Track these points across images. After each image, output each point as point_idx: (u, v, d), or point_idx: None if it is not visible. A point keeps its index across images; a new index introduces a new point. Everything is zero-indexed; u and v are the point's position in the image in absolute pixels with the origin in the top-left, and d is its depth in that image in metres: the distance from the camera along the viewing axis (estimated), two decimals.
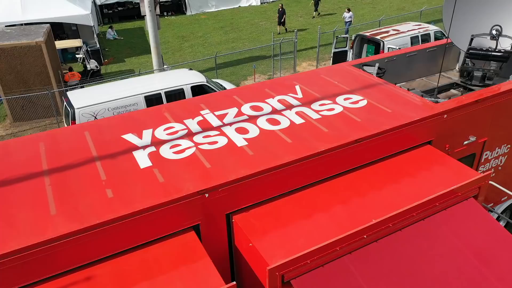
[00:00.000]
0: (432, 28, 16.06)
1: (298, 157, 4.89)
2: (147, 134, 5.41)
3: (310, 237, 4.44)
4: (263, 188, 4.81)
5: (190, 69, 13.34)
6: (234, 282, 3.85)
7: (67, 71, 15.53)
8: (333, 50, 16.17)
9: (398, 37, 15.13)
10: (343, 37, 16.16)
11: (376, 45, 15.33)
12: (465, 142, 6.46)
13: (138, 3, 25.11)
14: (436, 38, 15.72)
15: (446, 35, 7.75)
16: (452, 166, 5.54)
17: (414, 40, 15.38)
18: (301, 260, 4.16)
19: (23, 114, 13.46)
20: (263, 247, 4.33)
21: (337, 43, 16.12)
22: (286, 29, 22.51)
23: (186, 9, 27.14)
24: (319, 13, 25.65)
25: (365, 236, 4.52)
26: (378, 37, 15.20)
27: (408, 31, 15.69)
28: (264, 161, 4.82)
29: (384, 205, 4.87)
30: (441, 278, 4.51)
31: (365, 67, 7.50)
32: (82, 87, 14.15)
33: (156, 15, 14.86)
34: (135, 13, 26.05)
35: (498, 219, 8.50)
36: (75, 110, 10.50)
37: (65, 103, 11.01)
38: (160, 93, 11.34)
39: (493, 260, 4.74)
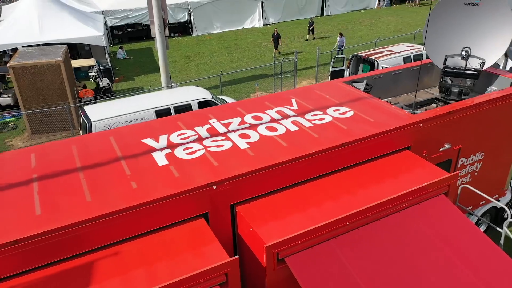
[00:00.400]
0: (424, 49, 17.05)
1: (292, 157, 5.78)
2: (163, 139, 6.32)
3: (301, 223, 5.28)
4: (262, 183, 5.68)
5: (197, 86, 14.35)
6: (237, 256, 4.70)
7: (81, 88, 16.60)
8: (331, 69, 17.19)
9: (391, 57, 16.14)
10: (340, 57, 17.21)
11: (371, 65, 16.33)
12: (441, 149, 7.33)
13: (147, 25, 26.53)
14: (427, 58, 16.69)
15: (426, 55, 8.72)
16: (426, 168, 6.40)
17: (406, 60, 16.37)
18: (293, 241, 5.00)
19: (41, 127, 14.44)
20: (262, 230, 5.18)
21: (334, 63, 17.16)
22: (279, 52, 23.37)
23: (192, 31, 28.45)
24: (314, 37, 26.62)
25: (347, 223, 5.36)
26: (372, 57, 16.22)
27: (401, 51, 16.71)
28: (263, 161, 5.70)
29: (365, 198, 5.72)
30: (412, 259, 5.32)
31: (354, 83, 8.43)
32: (95, 103, 15.15)
33: (165, 36, 15.94)
34: (144, 34, 27.39)
35: (478, 221, 9.29)
36: (92, 122, 11.45)
37: (82, 116, 11.97)
38: (169, 108, 12.28)
39: (458, 245, 5.55)
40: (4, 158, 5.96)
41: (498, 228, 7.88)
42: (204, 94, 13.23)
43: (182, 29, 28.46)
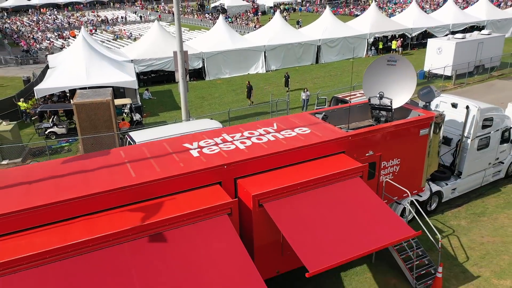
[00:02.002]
0: None
1: (269, 153, 10.18)
2: (195, 144, 10.78)
3: (274, 186, 9.56)
4: (251, 167, 10.03)
5: (211, 119, 18.94)
6: (236, 199, 9.02)
7: (120, 120, 21.29)
8: (315, 108, 21.80)
9: (361, 98, 20.68)
10: (322, 98, 21.90)
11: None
12: (367, 154, 11.67)
13: (168, 71, 31.77)
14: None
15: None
16: (351, 162, 10.72)
17: None
18: (267, 194, 9.32)
19: (92, 149, 18.90)
20: (251, 189, 9.48)
21: (318, 103, 21.80)
22: (252, 102, 26.58)
23: (205, 76, 33.63)
24: (289, 89, 29.38)
25: (298, 188, 9.67)
26: (347, 98, 20.82)
27: None
28: (252, 154, 10.10)
29: (311, 176, 10.01)
30: (331, 206, 9.55)
31: (316, 114, 12.91)
32: (131, 131, 19.70)
33: (186, 81, 20.73)
34: (164, 79, 32.59)
35: (404, 210, 13.36)
36: (136, 143, 15.94)
37: (128, 139, 16.49)
38: None
39: (360, 199, 9.79)
40: (106, 152, 10.47)
41: (401, 204, 12.11)
42: (216, 124, 17.74)
43: (197, 74, 33.62)
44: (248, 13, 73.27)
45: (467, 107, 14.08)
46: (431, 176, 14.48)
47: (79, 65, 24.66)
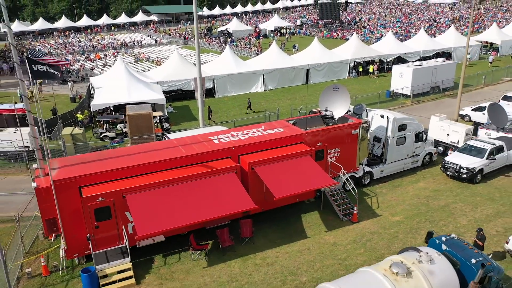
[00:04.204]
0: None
1: (258, 141, 18.09)
2: (216, 136, 18.72)
3: (260, 158, 17.42)
4: (248, 149, 17.93)
5: (222, 126, 26.88)
6: (239, 164, 16.94)
7: (155, 127, 29.27)
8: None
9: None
10: (302, 111, 29.85)
11: None
12: (317, 144, 19.53)
13: (185, 90, 39.89)
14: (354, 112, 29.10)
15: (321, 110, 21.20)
16: (305, 148, 18.59)
17: None
18: (256, 163, 17.24)
19: None
20: (247, 160, 17.36)
21: (300, 115, 29.74)
22: (214, 121, 32.51)
23: (215, 93, 41.77)
24: (253, 111, 36.00)
25: (275, 161, 17.56)
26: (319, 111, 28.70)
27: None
28: (248, 142, 18.01)
29: (280, 154, 17.86)
30: (285, 170, 17.40)
31: (289, 121, 20.81)
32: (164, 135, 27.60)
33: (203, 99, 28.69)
34: (183, 96, 40.68)
35: (345, 182, 21.10)
36: None
37: (166, 138, 24.38)
38: None
39: (309, 169, 17.63)
40: (166, 141, 18.41)
41: (340, 175, 19.94)
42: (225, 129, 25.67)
43: (208, 92, 41.70)
44: (251, 37, 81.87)
45: (387, 117, 21.97)
46: (367, 162, 22.33)
47: (122, 86, 32.67)
